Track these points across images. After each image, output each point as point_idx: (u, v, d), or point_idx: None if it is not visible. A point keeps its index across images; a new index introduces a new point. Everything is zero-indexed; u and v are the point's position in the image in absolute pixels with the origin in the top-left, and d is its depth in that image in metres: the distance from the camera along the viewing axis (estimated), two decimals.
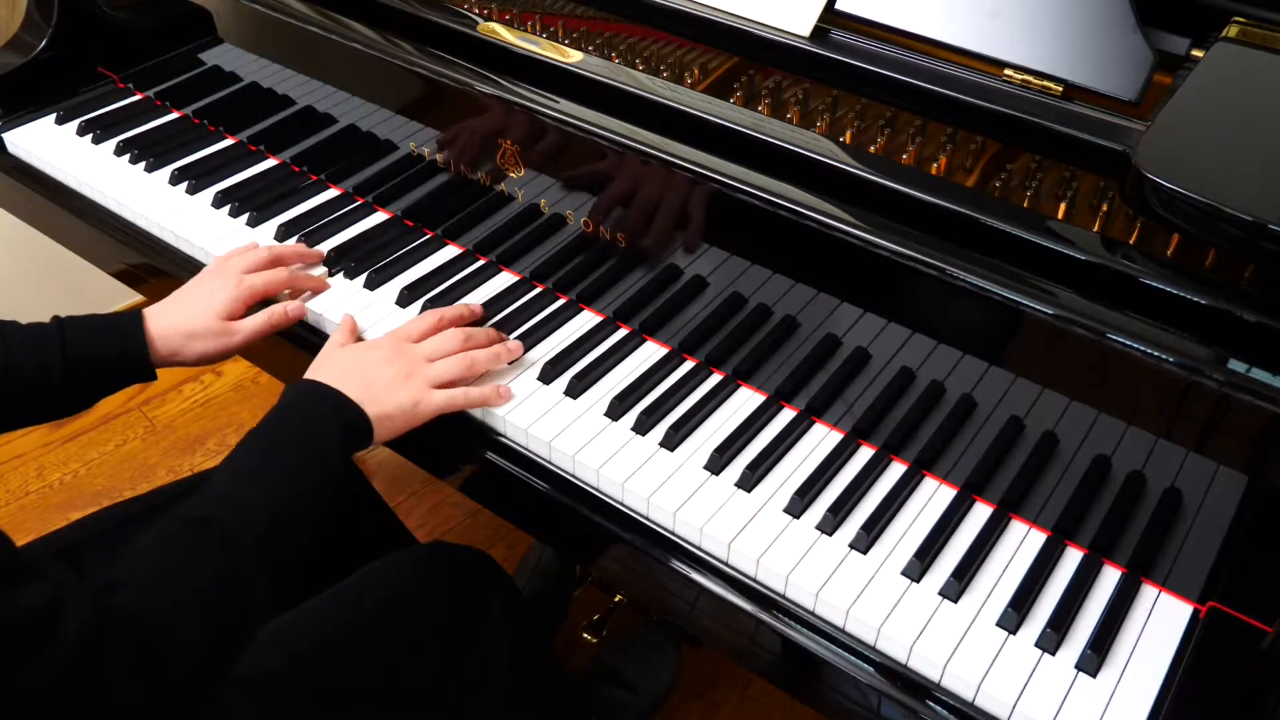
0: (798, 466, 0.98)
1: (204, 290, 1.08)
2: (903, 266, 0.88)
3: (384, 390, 0.96)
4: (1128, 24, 0.91)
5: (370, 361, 0.98)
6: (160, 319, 1.04)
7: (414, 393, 0.97)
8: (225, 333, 1.06)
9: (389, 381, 0.97)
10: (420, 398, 0.97)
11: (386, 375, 0.97)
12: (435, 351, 1.01)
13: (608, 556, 1.00)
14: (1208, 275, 0.83)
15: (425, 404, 0.98)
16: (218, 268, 1.12)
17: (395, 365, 0.98)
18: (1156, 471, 0.86)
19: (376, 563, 1.08)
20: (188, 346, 1.05)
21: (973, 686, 0.83)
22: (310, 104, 1.29)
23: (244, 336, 1.07)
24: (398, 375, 0.97)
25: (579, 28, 1.18)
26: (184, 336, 1.05)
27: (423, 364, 0.99)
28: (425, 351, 1.01)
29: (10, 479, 1.95)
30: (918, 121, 1.02)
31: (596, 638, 1.54)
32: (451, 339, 1.03)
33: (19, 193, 1.40)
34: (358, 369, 0.97)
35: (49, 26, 1.43)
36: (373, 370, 0.97)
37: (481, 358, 1.03)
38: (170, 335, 1.04)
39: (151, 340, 1.03)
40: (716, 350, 1.07)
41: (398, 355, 0.99)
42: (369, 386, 0.96)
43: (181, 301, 1.08)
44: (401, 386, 0.97)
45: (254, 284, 1.09)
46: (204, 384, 2.14)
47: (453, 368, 1.00)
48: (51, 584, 0.70)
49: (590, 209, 1.08)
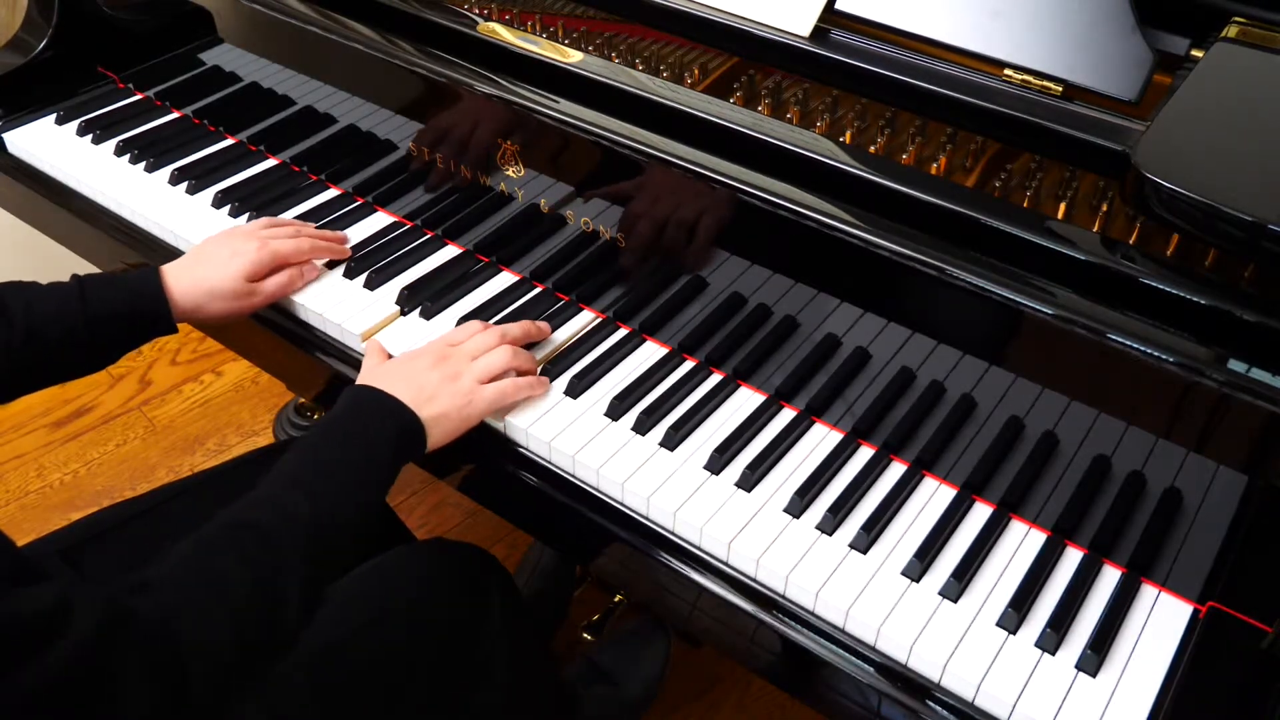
0: (798, 466, 0.98)
1: (227, 250, 1.10)
2: (903, 266, 0.88)
3: (435, 391, 0.96)
4: (1127, 24, 0.91)
5: (417, 368, 0.99)
6: (181, 276, 1.06)
7: (465, 391, 0.98)
8: (248, 293, 1.09)
9: (438, 383, 0.97)
10: (471, 395, 0.98)
11: (434, 378, 0.97)
12: (477, 349, 1.02)
13: (608, 556, 1.00)
14: (1208, 275, 0.83)
15: (477, 400, 0.98)
16: (243, 230, 1.14)
17: (441, 368, 0.98)
18: (1156, 471, 0.86)
19: (376, 560, 1.08)
20: (209, 304, 1.07)
21: (973, 686, 0.83)
22: (310, 104, 1.29)
23: (265, 297, 1.11)
24: (445, 376, 0.98)
25: (579, 28, 1.18)
26: (206, 294, 1.07)
27: (468, 362, 1.00)
28: (469, 350, 1.02)
29: (10, 479, 1.95)
30: (918, 121, 1.02)
31: (596, 638, 1.54)
32: (489, 336, 1.04)
33: (19, 193, 1.41)
34: (405, 375, 0.98)
35: (49, 26, 1.43)
36: (421, 375, 0.97)
37: (523, 353, 1.05)
38: (191, 292, 1.06)
39: (172, 296, 1.05)
40: (716, 350, 1.07)
41: (442, 360, 1.00)
42: (420, 389, 0.96)
43: (203, 260, 1.09)
44: (451, 386, 0.97)
45: (279, 248, 1.12)
46: (204, 384, 2.13)
47: (496, 362, 1.01)
48: (61, 583, 0.69)
49: (590, 209, 1.08)
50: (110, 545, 1.06)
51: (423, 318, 1.14)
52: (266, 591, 0.78)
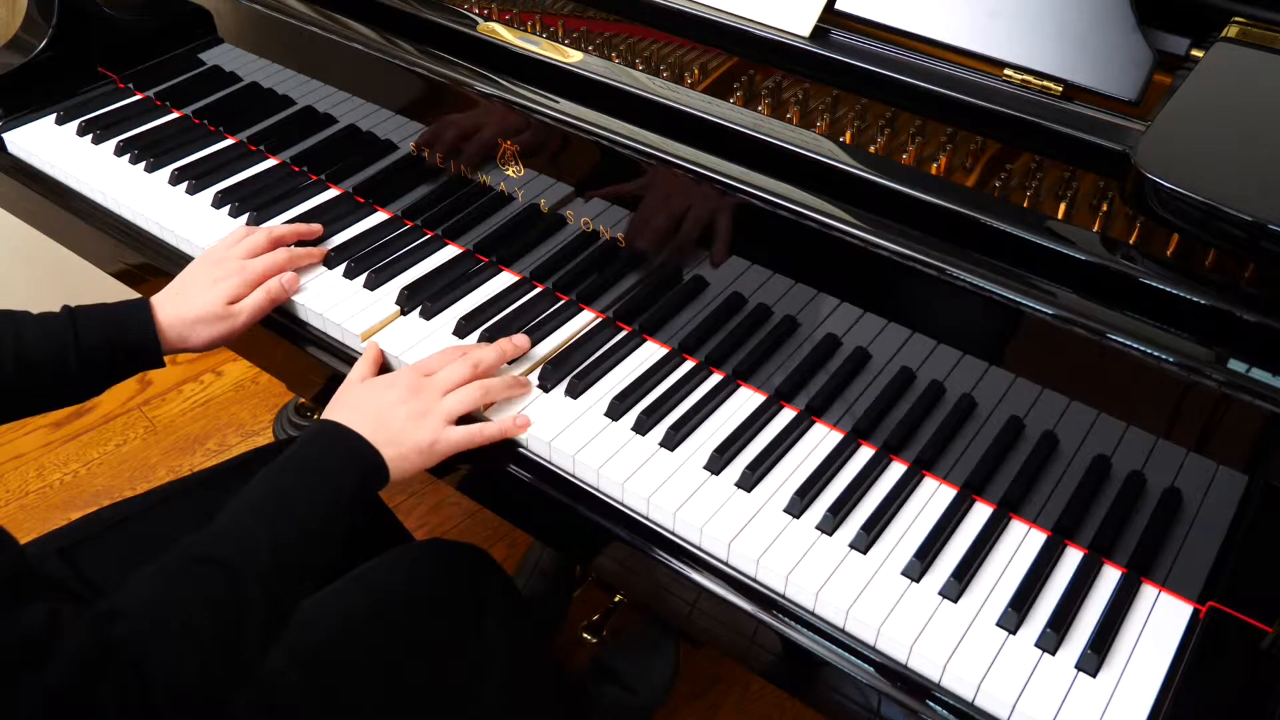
0: (798, 466, 0.98)
1: (206, 279, 1.10)
2: (903, 266, 0.88)
3: (400, 430, 0.95)
4: (1128, 24, 0.91)
5: (387, 401, 0.97)
6: (168, 308, 1.06)
7: (431, 431, 0.96)
8: (228, 316, 1.09)
9: (404, 421, 0.96)
10: (437, 436, 0.96)
11: (401, 415, 0.96)
12: (448, 382, 1.00)
13: (607, 556, 1.00)
14: (1208, 275, 0.83)
15: (442, 442, 0.97)
16: (218, 257, 1.13)
17: (410, 404, 0.97)
18: (1156, 471, 0.86)
19: (374, 561, 1.09)
20: (195, 333, 1.07)
21: (973, 686, 0.83)
22: (310, 104, 1.29)
23: (247, 317, 1.10)
24: (412, 414, 0.96)
25: (579, 28, 1.18)
26: (191, 323, 1.07)
27: (438, 399, 0.98)
28: (440, 383, 1.00)
29: (10, 479, 1.95)
30: (918, 121, 1.02)
31: (596, 638, 1.54)
32: (462, 367, 1.01)
33: (19, 193, 1.40)
34: (373, 408, 0.97)
35: (49, 26, 1.43)
36: (388, 410, 0.96)
37: (496, 385, 1.02)
38: (176, 323, 1.06)
39: (160, 328, 1.05)
40: (716, 350, 1.07)
41: (413, 394, 0.98)
42: (385, 426, 0.95)
43: (186, 292, 1.09)
44: (417, 425, 0.96)
45: (255, 269, 1.12)
46: (204, 384, 2.13)
47: (465, 400, 0.99)
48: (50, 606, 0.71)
49: (590, 209, 1.08)
50: (110, 545, 1.06)
51: (423, 318, 1.14)
52: (228, 623, 0.79)
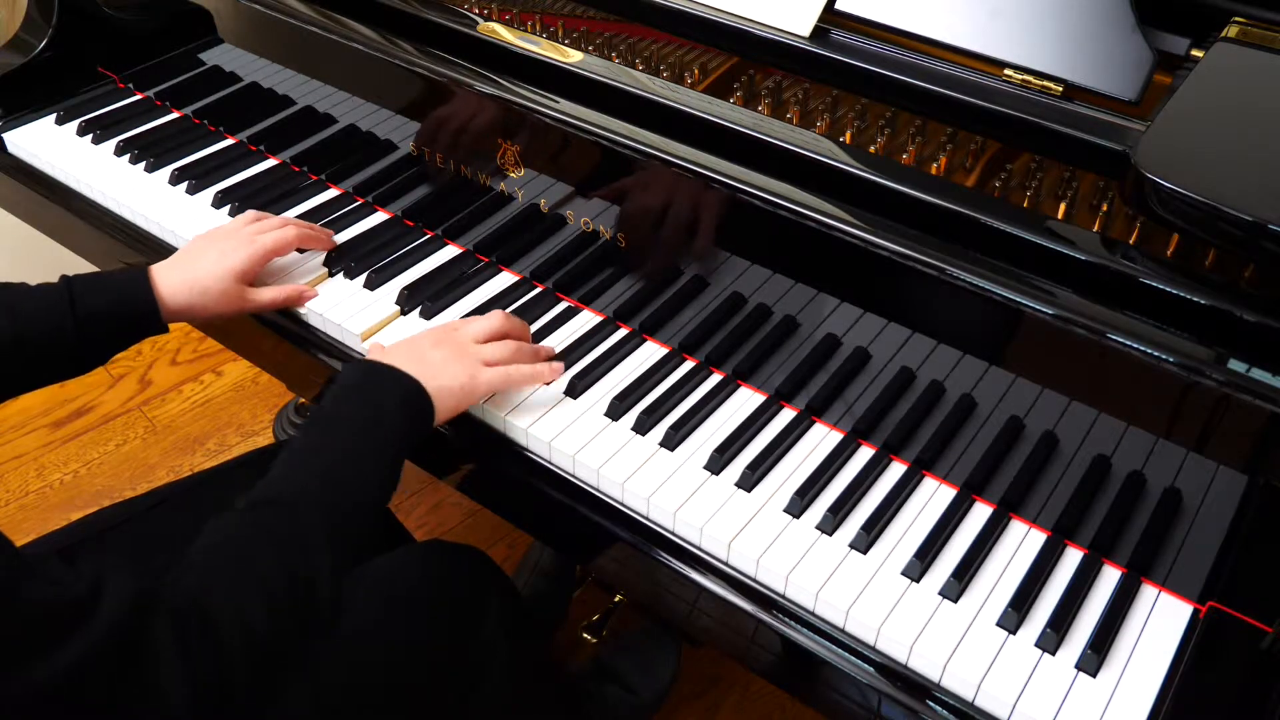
0: (798, 466, 0.98)
1: (215, 249, 1.10)
2: (903, 266, 0.88)
3: (439, 367, 0.97)
4: (1128, 24, 0.91)
5: (421, 345, 1.00)
6: (170, 275, 1.06)
7: (468, 369, 0.99)
8: (241, 297, 1.10)
9: (442, 360, 0.98)
10: (474, 373, 0.99)
11: (438, 356, 0.99)
12: (481, 334, 1.03)
13: (607, 556, 1.00)
14: (1208, 275, 0.83)
15: (480, 380, 0.99)
16: (228, 228, 1.14)
17: (444, 347, 1.00)
18: (1156, 471, 0.86)
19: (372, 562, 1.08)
20: (200, 304, 1.07)
21: (973, 686, 0.83)
22: (310, 104, 1.29)
23: (258, 305, 1.12)
24: (449, 355, 0.99)
25: (579, 28, 1.18)
26: (198, 294, 1.07)
27: (472, 344, 1.01)
28: (473, 333, 1.03)
29: (10, 479, 1.95)
30: (918, 121, 1.02)
31: (596, 638, 1.54)
32: (495, 320, 1.05)
33: (19, 193, 1.41)
34: (409, 352, 0.99)
35: (49, 26, 1.43)
36: (425, 351, 0.99)
37: (526, 349, 1.05)
38: (180, 291, 1.06)
39: (161, 296, 1.05)
40: (716, 350, 1.07)
41: (446, 339, 1.01)
42: (424, 364, 0.97)
43: (192, 259, 1.10)
44: (455, 363, 0.98)
45: (266, 243, 1.12)
46: (204, 384, 2.13)
47: (500, 351, 1.02)
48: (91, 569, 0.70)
49: (590, 209, 1.08)
50: (110, 545, 1.06)
51: (423, 318, 1.14)
52: (295, 565, 0.78)
